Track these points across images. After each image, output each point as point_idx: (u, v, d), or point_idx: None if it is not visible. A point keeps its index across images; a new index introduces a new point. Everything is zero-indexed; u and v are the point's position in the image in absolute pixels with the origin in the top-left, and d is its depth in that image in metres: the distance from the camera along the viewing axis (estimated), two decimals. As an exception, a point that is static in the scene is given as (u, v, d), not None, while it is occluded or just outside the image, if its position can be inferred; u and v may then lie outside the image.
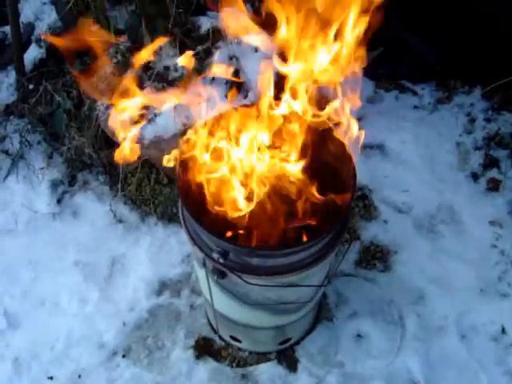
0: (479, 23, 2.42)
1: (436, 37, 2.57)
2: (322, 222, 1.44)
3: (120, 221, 2.20)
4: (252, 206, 1.35)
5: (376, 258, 2.10)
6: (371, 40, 2.81)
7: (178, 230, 2.16)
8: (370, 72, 2.78)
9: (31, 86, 2.24)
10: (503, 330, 1.90)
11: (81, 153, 2.25)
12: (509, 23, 2.38)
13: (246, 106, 1.50)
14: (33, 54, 2.51)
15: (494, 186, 2.24)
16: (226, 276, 1.37)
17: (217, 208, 1.36)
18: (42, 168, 2.26)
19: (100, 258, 2.11)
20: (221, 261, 1.31)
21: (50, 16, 2.54)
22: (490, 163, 2.31)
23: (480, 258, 2.06)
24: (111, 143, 2.23)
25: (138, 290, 2.03)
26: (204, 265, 1.42)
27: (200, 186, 1.41)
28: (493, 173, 2.28)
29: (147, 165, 2.26)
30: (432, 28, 2.55)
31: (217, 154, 1.42)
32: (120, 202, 2.24)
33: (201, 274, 1.56)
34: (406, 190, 2.26)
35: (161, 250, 2.12)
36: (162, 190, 2.26)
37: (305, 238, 1.48)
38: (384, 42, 2.77)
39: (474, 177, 2.30)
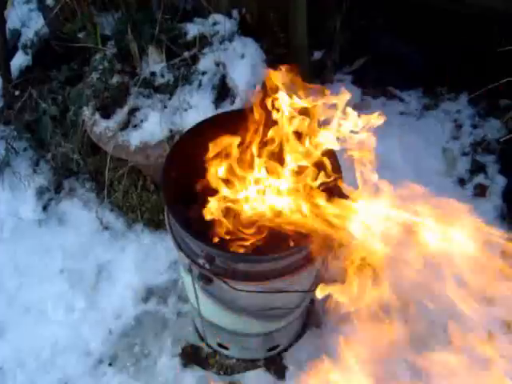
0: (465, 30, 2.44)
1: (422, 44, 2.59)
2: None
3: (106, 228, 2.19)
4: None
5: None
6: (358, 48, 2.83)
7: (165, 236, 2.15)
8: (356, 79, 2.80)
9: (17, 93, 2.23)
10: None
11: (67, 159, 2.23)
12: (493, 30, 2.40)
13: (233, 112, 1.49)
14: (19, 60, 2.50)
15: (480, 192, 2.25)
16: (212, 282, 1.36)
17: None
18: (28, 175, 2.25)
19: (86, 265, 2.10)
20: (207, 266, 1.30)
21: (37, 23, 2.53)
22: (477, 169, 2.32)
23: (467, 263, 2.06)
24: (97, 149, 2.22)
25: (124, 298, 2.01)
26: (190, 271, 1.41)
27: (186, 193, 1.40)
28: (480, 178, 2.29)
29: (134, 171, 2.25)
30: (418, 35, 2.57)
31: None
32: (106, 208, 2.23)
33: (187, 280, 1.55)
34: (394, 196, 2.26)
35: (147, 257, 2.11)
36: (148, 196, 2.25)
37: (291, 244, 1.47)
38: (370, 50, 2.80)
39: (461, 182, 2.31)
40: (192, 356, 1.89)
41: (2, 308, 2.00)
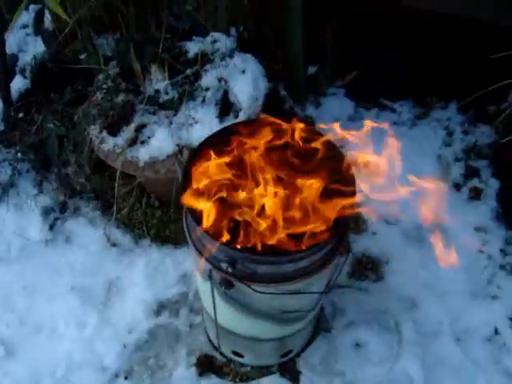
0: (451, 41, 2.55)
1: (410, 56, 2.69)
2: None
3: (114, 244, 2.21)
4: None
5: (368, 268, 2.16)
6: (348, 62, 2.93)
7: (172, 251, 2.19)
8: (349, 92, 2.89)
9: (21, 115, 2.26)
10: (496, 331, 1.96)
11: (72, 179, 2.27)
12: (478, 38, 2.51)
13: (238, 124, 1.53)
14: (17, 84, 2.53)
15: (476, 195, 2.33)
16: (233, 286, 1.41)
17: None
18: (33, 196, 2.27)
19: (96, 281, 2.12)
20: (229, 270, 1.34)
21: (35, 47, 2.57)
22: (471, 173, 2.41)
23: (469, 263, 2.13)
24: (101, 168, 2.26)
25: (136, 312, 2.03)
26: (210, 277, 1.45)
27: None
28: (474, 182, 2.37)
29: (138, 189, 2.28)
30: (406, 48, 2.66)
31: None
32: (112, 226, 2.26)
33: (204, 288, 1.59)
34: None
35: (156, 272, 2.14)
36: (153, 212, 2.29)
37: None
38: (360, 64, 2.89)
39: (457, 187, 2.39)
40: (207, 365, 1.92)
41: (14, 328, 2.01)
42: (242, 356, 1.87)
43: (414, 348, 1.91)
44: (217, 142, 1.51)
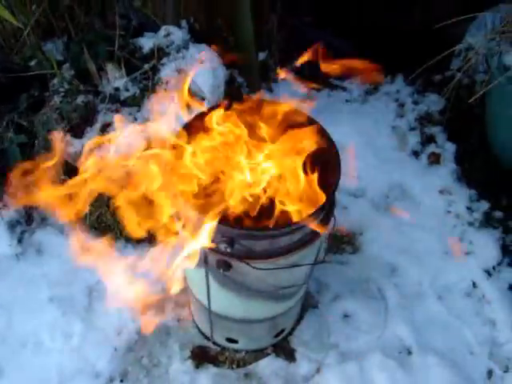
0: (392, 17, 2.63)
1: (353, 34, 2.76)
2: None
3: (88, 250, 2.16)
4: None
5: (344, 242, 2.21)
6: (294, 46, 2.96)
7: (149, 249, 2.16)
8: (298, 75, 2.92)
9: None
10: (474, 285, 2.05)
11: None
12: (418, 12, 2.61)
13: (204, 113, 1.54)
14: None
15: (435, 160, 2.43)
16: (231, 267, 1.41)
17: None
18: (0, 209, 2.19)
19: (74, 289, 2.06)
20: (228, 250, 1.35)
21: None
22: (427, 140, 2.50)
23: (439, 224, 2.22)
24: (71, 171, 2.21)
25: (121, 314, 2.00)
26: (206, 262, 1.45)
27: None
28: (431, 148, 2.47)
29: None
30: (348, 26, 2.73)
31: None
32: (83, 231, 2.21)
33: (197, 276, 1.59)
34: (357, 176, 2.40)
35: (136, 271, 2.11)
36: (123, 214, 2.26)
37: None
38: (305, 46, 2.94)
39: (415, 154, 2.48)
40: (202, 357, 1.91)
41: (-4, 347, 1.94)
42: (236, 342, 1.87)
43: (401, 311, 1.98)
44: (193, 128, 1.51)
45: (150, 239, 2.21)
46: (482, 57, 2.45)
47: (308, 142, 1.49)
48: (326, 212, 1.45)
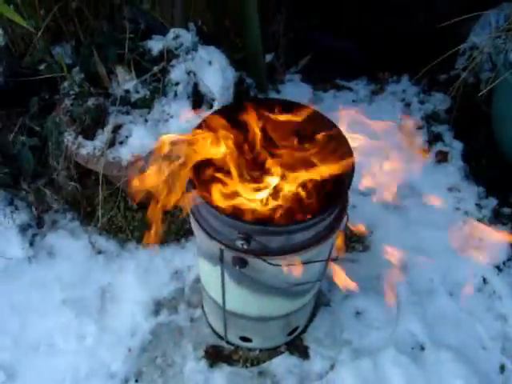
0: (396, 18, 2.66)
1: (358, 35, 2.79)
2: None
3: (99, 252, 2.18)
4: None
5: (353, 241, 2.22)
6: (301, 48, 3.00)
7: (160, 249, 2.18)
8: (305, 77, 2.95)
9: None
10: (484, 281, 2.06)
11: (45, 192, 2.22)
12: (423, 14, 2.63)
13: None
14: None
15: (442, 158, 2.44)
16: (247, 264, 1.42)
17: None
18: (6, 214, 2.20)
19: (87, 291, 2.07)
20: (245, 247, 1.36)
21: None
22: (434, 138, 2.52)
23: (448, 221, 2.23)
24: (79, 177, 2.23)
25: (134, 315, 2.00)
26: (221, 260, 1.46)
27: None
28: (439, 146, 2.49)
29: (114, 194, 2.26)
30: (353, 27, 2.76)
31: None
32: (95, 233, 2.22)
33: (213, 274, 1.60)
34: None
35: (148, 272, 2.12)
36: (133, 215, 2.27)
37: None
38: (312, 49, 2.97)
39: (423, 153, 2.50)
40: (216, 356, 1.92)
41: (10, 350, 1.93)
42: (250, 340, 1.88)
43: (413, 307, 1.99)
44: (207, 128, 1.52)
45: (161, 240, 2.22)
46: (486, 55, 2.47)
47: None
48: (340, 208, 1.46)
